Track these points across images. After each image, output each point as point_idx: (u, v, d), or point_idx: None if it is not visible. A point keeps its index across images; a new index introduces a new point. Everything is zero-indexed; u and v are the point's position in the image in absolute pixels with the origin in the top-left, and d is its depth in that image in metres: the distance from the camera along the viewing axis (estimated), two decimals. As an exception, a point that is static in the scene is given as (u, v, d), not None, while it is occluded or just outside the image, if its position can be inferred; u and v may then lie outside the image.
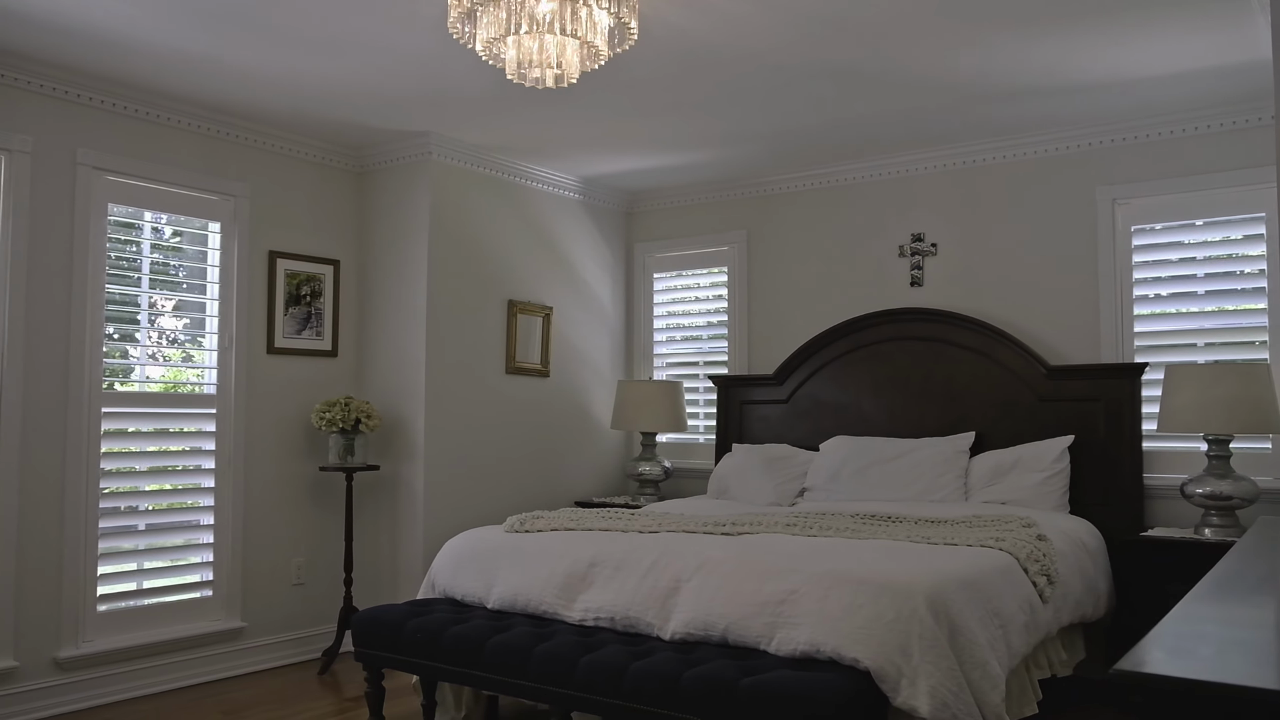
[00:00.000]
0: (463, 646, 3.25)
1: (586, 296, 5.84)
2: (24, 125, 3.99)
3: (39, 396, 4.01)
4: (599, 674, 2.88)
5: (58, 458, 4.07)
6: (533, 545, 3.61)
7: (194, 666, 4.49)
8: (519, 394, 5.38)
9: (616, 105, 4.44)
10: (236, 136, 4.70)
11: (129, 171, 4.30)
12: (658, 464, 5.54)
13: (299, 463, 4.95)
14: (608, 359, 5.98)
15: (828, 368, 5.21)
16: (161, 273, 4.57)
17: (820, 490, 4.74)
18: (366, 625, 3.54)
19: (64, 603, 4.07)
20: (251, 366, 4.74)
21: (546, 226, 5.59)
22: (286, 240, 4.92)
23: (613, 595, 3.26)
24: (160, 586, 4.45)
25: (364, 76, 4.11)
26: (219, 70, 4.05)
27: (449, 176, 5.03)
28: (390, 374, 5.05)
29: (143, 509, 4.39)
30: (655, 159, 5.31)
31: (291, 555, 4.93)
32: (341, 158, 5.16)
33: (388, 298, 5.09)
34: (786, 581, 2.94)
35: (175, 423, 4.52)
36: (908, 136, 4.86)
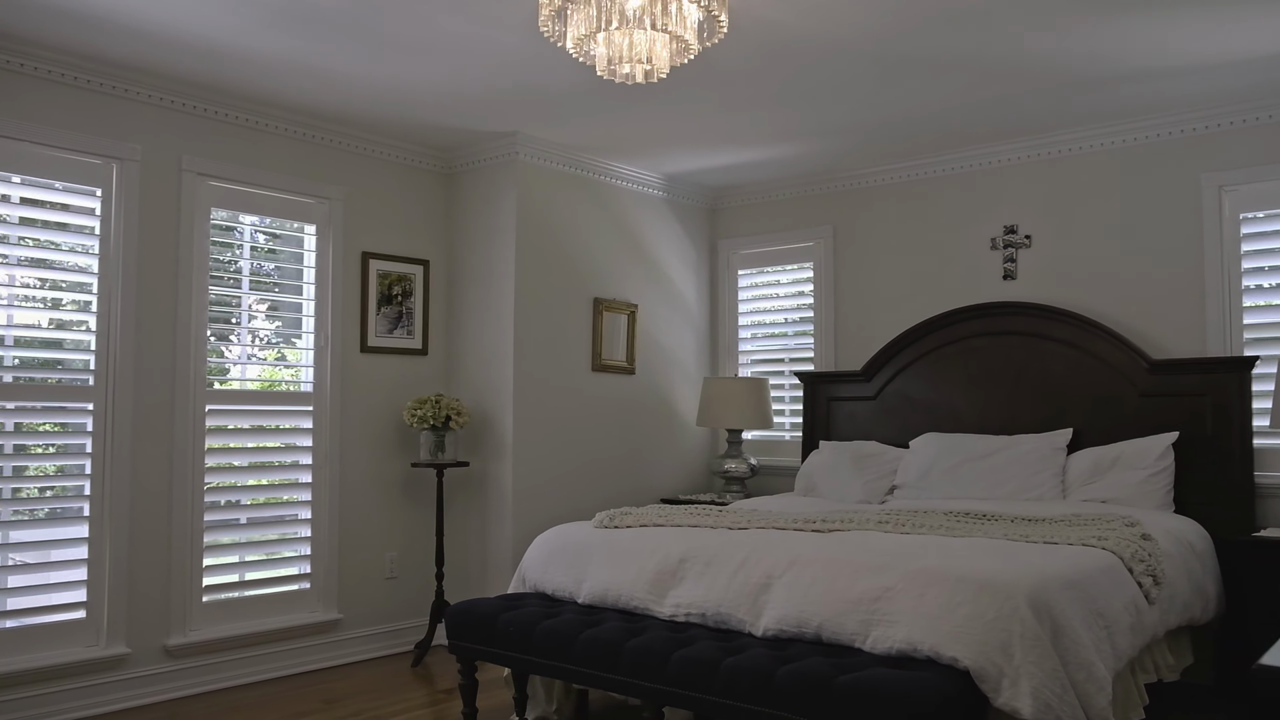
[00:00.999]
0: (554, 640, 3.28)
1: (671, 294, 5.84)
2: (133, 134, 4.15)
3: (148, 395, 4.17)
4: (691, 669, 2.88)
5: (165, 454, 4.22)
6: (623, 541, 3.62)
7: (293, 656, 4.62)
8: (605, 391, 5.41)
9: (702, 101, 4.43)
10: (331, 141, 4.82)
11: (230, 177, 4.44)
12: (743, 461, 5.51)
13: (391, 459, 5.06)
14: (692, 356, 5.98)
15: (917, 363, 5.12)
16: (259, 274, 4.71)
17: (911, 488, 4.66)
18: (460, 618, 3.60)
19: (172, 592, 4.23)
20: (346, 365, 4.86)
21: (631, 224, 5.61)
22: (378, 241, 5.03)
23: (704, 591, 3.26)
24: (261, 579, 4.59)
25: (454, 78, 4.18)
26: (315, 76, 4.16)
27: (535, 176, 5.08)
28: (479, 372, 5.13)
29: (244, 503, 4.53)
30: (739, 154, 5.28)
31: (385, 549, 5.03)
32: (431, 160, 5.25)
33: (476, 297, 5.17)
34: (881, 579, 2.90)
35: (274, 420, 4.65)
36: (1000, 126, 4.74)
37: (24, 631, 3.84)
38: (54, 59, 3.88)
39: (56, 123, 3.93)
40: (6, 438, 3.85)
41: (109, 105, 4.08)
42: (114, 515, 4.04)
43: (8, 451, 3.86)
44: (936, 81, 4.16)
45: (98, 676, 3.98)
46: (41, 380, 3.94)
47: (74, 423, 4.01)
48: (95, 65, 3.98)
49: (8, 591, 3.84)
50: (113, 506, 4.04)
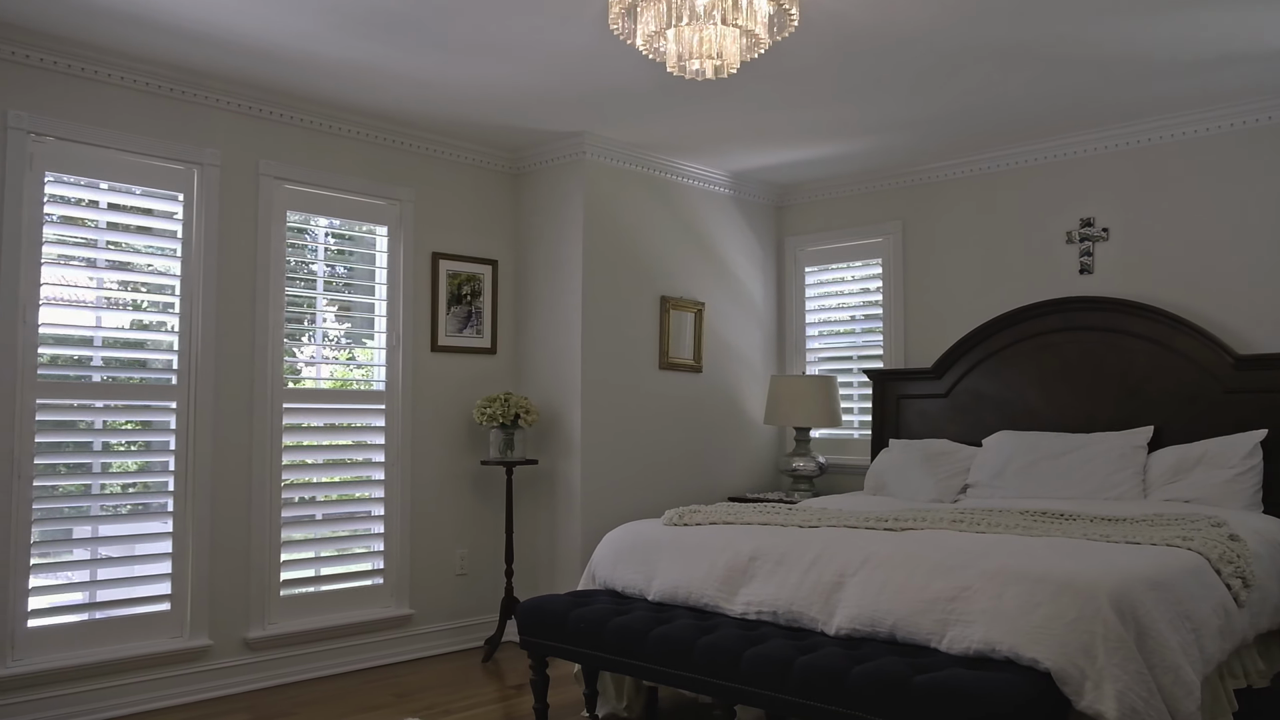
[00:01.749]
0: (625, 637, 3.29)
1: (737, 291, 5.82)
2: (213, 140, 4.26)
3: (227, 394, 4.28)
4: (764, 667, 2.86)
5: (245, 451, 4.33)
6: (692, 538, 3.62)
7: (367, 650, 4.70)
8: (672, 389, 5.41)
9: (769, 96, 4.40)
10: (401, 143, 4.89)
11: (304, 180, 4.54)
12: (812, 460, 5.47)
13: (461, 457, 5.12)
14: (760, 354, 5.95)
15: (990, 360, 5.03)
16: (333, 275, 4.80)
17: (984, 487, 4.58)
18: (531, 614, 3.62)
19: (251, 586, 4.33)
20: (417, 364, 4.93)
21: (697, 222, 5.60)
22: (448, 242, 5.09)
23: (775, 589, 3.24)
24: (335, 574, 4.68)
25: (522, 78, 4.21)
26: (386, 79, 4.23)
27: (602, 175, 5.10)
28: (547, 370, 5.16)
29: (319, 500, 4.62)
30: (806, 150, 5.24)
31: (455, 546, 5.10)
32: (499, 160, 5.30)
33: (544, 296, 5.21)
34: (957, 578, 2.85)
35: (347, 418, 4.74)
36: (1076, 116, 4.63)
37: (112, 622, 3.96)
38: (138, 68, 4.01)
39: (141, 130, 4.05)
40: (96, 435, 3.98)
41: (190, 112, 4.20)
42: (196, 511, 4.15)
43: (96, 449, 3.99)
44: (1007, 71, 4.08)
45: (181, 667, 4.10)
46: (128, 380, 4.06)
47: (158, 421, 4.13)
48: (177, 73, 4.10)
49: (98, 584, 3.97)
50: (195, 502, 4.15)
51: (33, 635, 3.75)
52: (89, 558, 3.99)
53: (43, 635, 3.78)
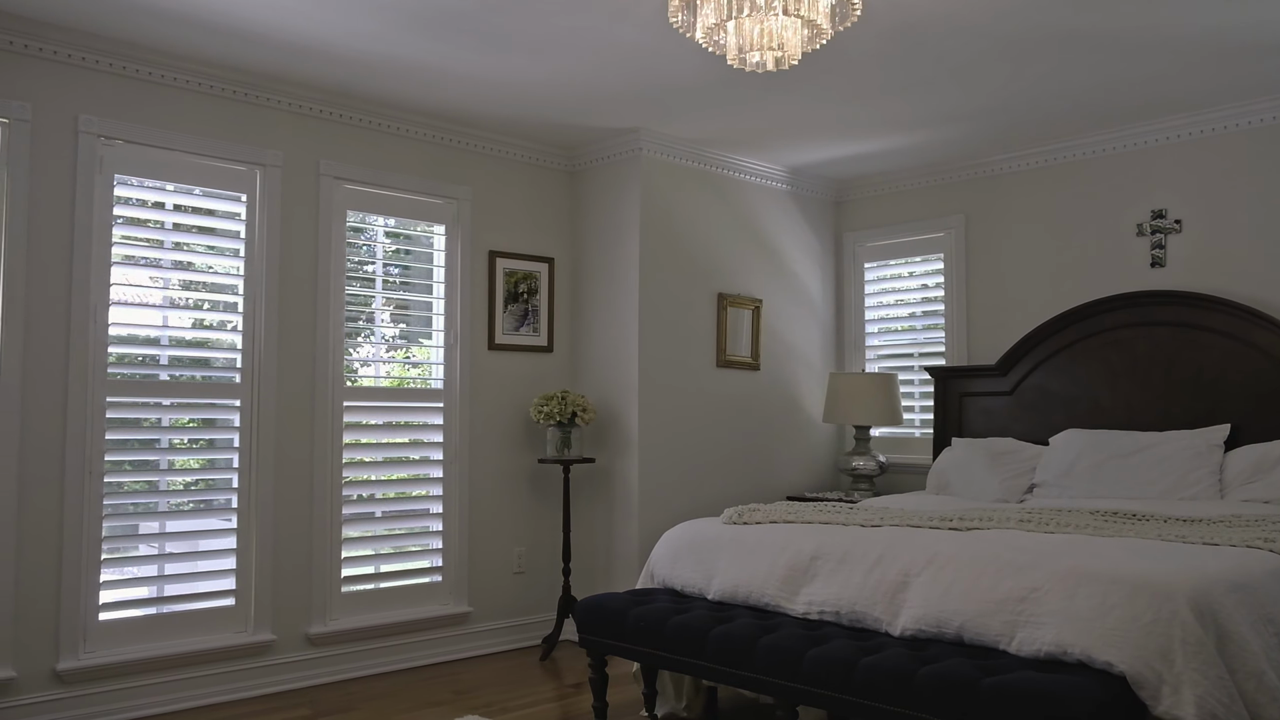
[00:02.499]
0: (685, 636, 3.26)
1: (795, 288, 5.76)
2: (275, 141, 4.32)
3: (289, 392, 4.33)
4: (827, 668, 2.81)
5: (306, 449, 4.38)
6: (752, 537, 3.57)
7: (425, 648, 4.72)
8: (729, 387, 5.36)
9: (828, 89, 4.34)
10: (458, 142, 4.92)
11: (364, 179, 4.58)
12: (872, 458, 5.39)
13: (519, 455, 5.13)
14: (818, 351, 5.87)
15: (1057, 357, 4.90)
16: (391, 274, 4.84)
17: (1052, 486, 4.46)
18: (590, 613, 3.61)
19: (314, 583, 4.38)
20: (474, 362, 4.95)
21: (754, 218, 5.55)
22: (504, 240, 5.11)
23: (837, 589, 3.18)
24: (395, 571, 4.72)
25: (579, 75, 4.20)
26: (443, 78, 4.25)
27: (658, 171, 5.07)
28: (604, 368, 5.15)
29: (378, 497, 4.66)
30: (866, 144, 5.16)
31: (512, 544, 5.11)
32: (555, 158, 5.30)
33: (600, 293, 5.20)
34: (1027, 578, 2.78)
35: (406, 416, 4.77)
36: (1146, 104, 4.50)
37: (179, 617, 4.03)
38: (203, 71, 4.07)
39: (206, 132, 4.12)
40: (162, 433, 4.05)
41: (253, 114, 4.26)
42: (259, 507, 4.21)
43: (163, 446, 4.06)
44: (1074, 59, 3.97)
45: (245, 662, 4.15)
46: (193, 379, 4.13)
47: (222, 419, 4.20)
48: (240, 75, 4.16)
49: (165, 579, 4.04)
50: (258, 499, 4.21)
51: (104, 628, 3.83)
52: (156, 553, 4.06)
53: (113, 629, 3.86)
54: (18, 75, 3.69)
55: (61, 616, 3.72)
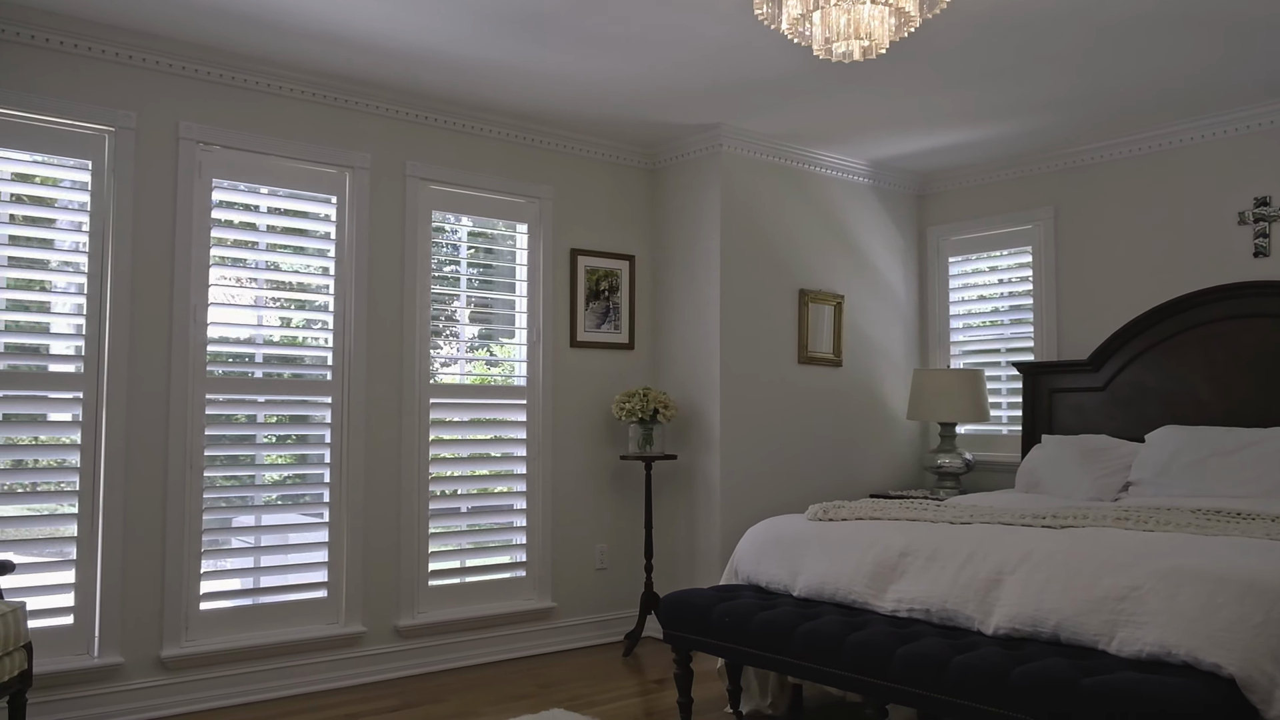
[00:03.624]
0: (771, 632, 3.24)
1: (878, 284, 5.68)
2: (363, 144, 4.42)
3: (378, 390, 4.43)
4: (918, 666, 2.77)
5: (394, 445, 4.47)
6: (838, 533, 3.54)
7: (509, 642, 4.78)
8: (811, 384, 5.32)
9: (913, 80, 4.28)
10: (540, 141, 4.97)
11: (448, 180, 4.66)
12: (958, 456, 5.29)
13: (601, 452, 5.16)
14: (901, 347, 5.79)
15: (1152, 351, 4.75)
16: (475, 273, 4.91)
17: (1148, 484, 4.32)
18: (675, 608, 3.61)
19: (402, 576, 4.46)
20: (556, 360, 5.00)
21: (836, 213, 5.49)
22: (586, 238, 5.14)
23: (927, 586, 3.13)
24: (480, 565, 4.78)
25: (659, 72, 4.21)
26: (526, 78, 4.30)
27: (739, 167, 5.05)
28: (685, 365, 5.15)
29: (463, 493, 4.73)
30: (950, 136, 5.07)
31: (595, 541, 5.14)
32: (635, 155, 5.32)
33: (681, 290, 5.20)
34: (1127, 577, 2.70)
35: (490, 413, 4.83)
36: (1247, 87, 4.33)
37: (274, 608, 4.15)
38: (295, 76, 4.19)
39: (298, 136, 4.23)
40: (257, 429, 4.18)
41: (342, 117, 4.36)
42: (350, 502, 4.31)
43: (259, 441, 4.18)
44: (1172, 43, 3.84)
45: (337, 652, 4.26)
46: (286, 377, 4.24)
47: (314, 415, 4.30)
48: (330, 80, 4.27)
49: (261, 570, 4.16)
50: (348, 494, 4.31)
51: (204, 618, 3.96)
52: (252, 545, 4.19)
53: (212, 618, 3.99)
54: (124, 85, 3.84)
55: (165, 605, 3.86)
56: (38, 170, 3.73)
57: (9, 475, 3.66)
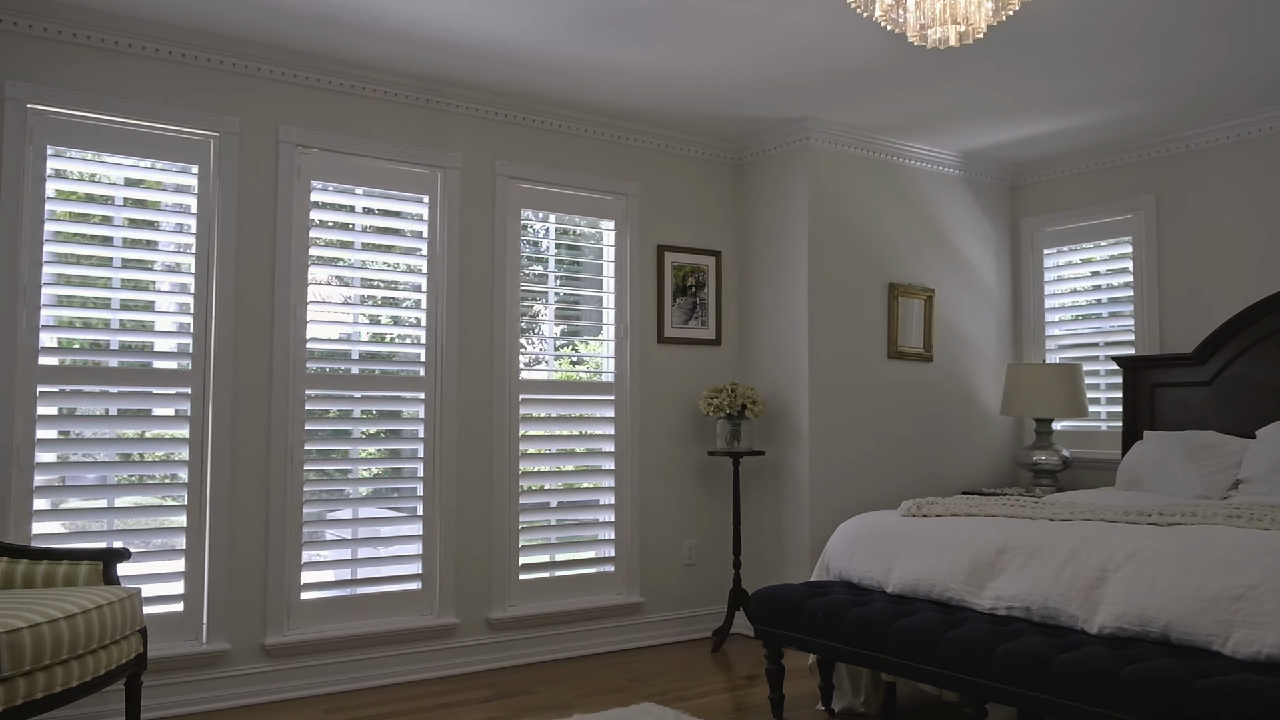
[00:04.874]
0: (865, 628, 3.20)
1: (969, 277, 5.56)
2: (454, 144, 4.49)
3: (469, 386, 4.50)
4: (1019, 664, 2.70)
5: (485, 440, 4.53)
6: (933, 530, 3.47)
7: (598, 636, 4.81)
8: (901, 379, 5.24)
9: (1006, 67, 4.18)
10: (627, 138, 4.99)
11: (536, 178, 4.71)
12: (1054, 453, 5.15)
13: (688, 447, 5.16)
14: (994, 342, 5.66)
15: (1264, 343, 4.55)
16: (563, 270, 4.95)
17: (1260, 482, 4.14)
18: (766, 603, 3.59)
19: (493, 569, 4.53)
20: (644, 356, 5.01)
21: (926, 206, 5.40)
22: (672, 234, 5.15)
23: (1027, 584, 3.06)
24: (569, 560, 4.82)
25: (746, 66, 4.19)
26: (613, 75, 4.32)
27: (826, 160, 5.00)
28: (772, 361, 5.12)
29: (552, 488, 4.78)
30: (1044, 124, 4.94)
31: (682, 536, 5.14)
32: (721, 151, 5.31)
33: (768, 285, 5.17)
34: (1242, 576, 2.59)
35: (578, 409, 4.87)
36: (1367, 68, 4.13)
37: (370, 599, 4.25)
38: (387, 79, 4.28)
39: (390, 137, 4.33)
40: (354, 424, 4.28)
41: (433, 118, 4.45)
42: (443, 496, 4.39)
43: (355, 436, 4.29)
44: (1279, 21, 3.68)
45: (430, 643, 4.34)
46: (381, 373, 4.33)
47: (408, 411, 4.39)
48: (422, 82, 4.35)
49: (357, 562, 4.27)
50: (441, 488, 4.39)
51: (305, 607, 4.08)
52: (349, 537, 4.29)
53: (312, 607, 4.10)
54: (227, 91, 3.97)
55: (268, 595, 3.98)
56: (147, 175, 3.89)
57: (123, 468, 3.82)
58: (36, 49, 3.63)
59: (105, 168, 3.78)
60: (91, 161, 3.77)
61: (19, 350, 3.56)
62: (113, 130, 3.76)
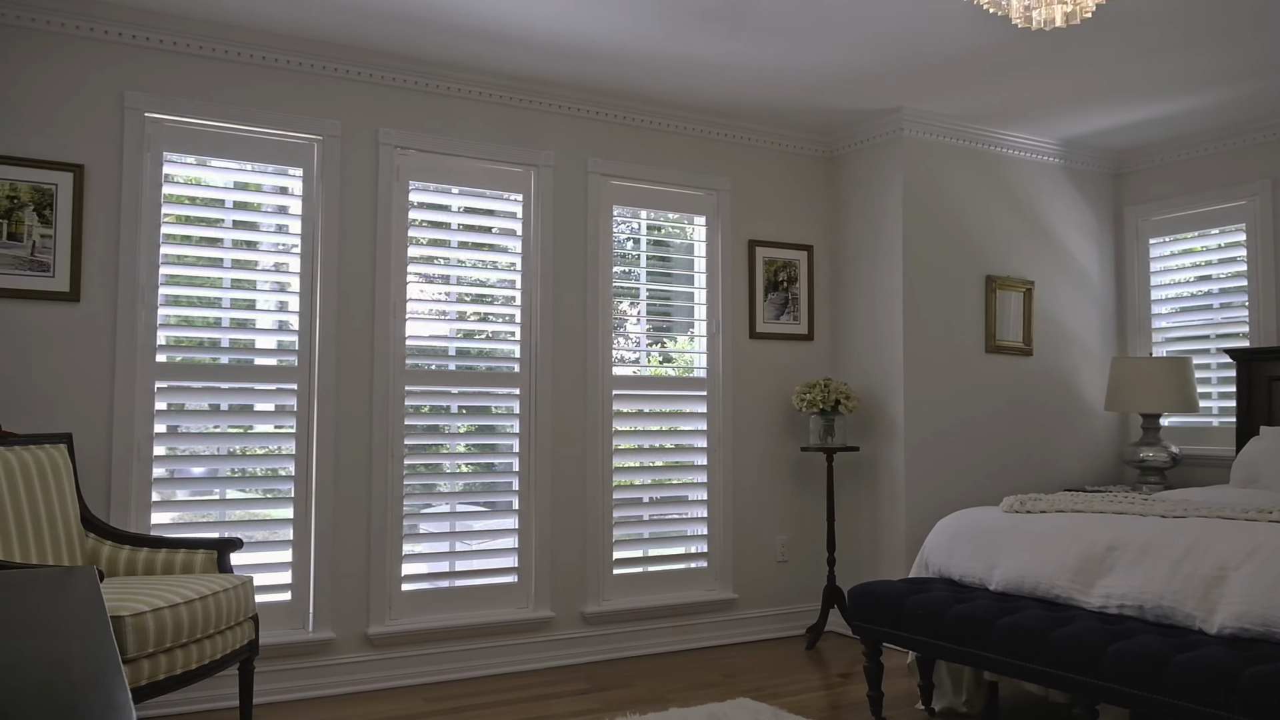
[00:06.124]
0: (967, 626, 3.14)
1: (1070, 268, 5.41)
2: (547, 142, 4.55)
3: (563, 382, 4.54)
4: (1132, 664, 2.62)
5: (579, 435, 4.57)
6: (1039, 526, 3.39)
7: (692, 631, 4.81)
8: (999, 373, 5.11)
9: (1110, 50, 4.05)
10: (717, 133, 4.98)
11: (628, 175, 4.73)
12: (1163, 449, 4.96)
13: (781, 443, 5.13)
14: (1097, 335, 5.49)
15: (1391, 334, 4.33)
16: (654, 265, 4.96)
17: (1389, 479, 3.94)
18: (864, 599, 3.55)
19: (587, 564, 4.57)
20: (735, 351, 5.00)
21: (1024, 196, 5.26)
22: (763, 229, 5.12)
23: (1140, 582, 2.96)
24: (662, 555, 4.84)
25: (839, 56, 4.15)
26: (704, 70, 4.32)
27: (920, 151, 4.91)
28: (866, 355, 5.05)
29: (645, 483, 4.79)
30: (1151, 108, 4.77)
31: (775, 533, 5.11)
32: (812, 144, 5.26)
33: (861, 280, 5.10)
34: (1375, 575, 2.47)
35: (670, 405, 4.88)
36: None
37: (468, 590, 4.32)
38: (481, 80, 4.35)
39: (484, 137, 4.40)
40: (451, 419, 4.36)
41: (526, 117, 4.50)
42: (538, 490, 4.44)
43: (452, 431, 4.37)
44: None
45: (527, 636, 4.40)
46: (478, 369, 4.41)
47: (503, 406, 4.46)
48: (515, 82, 4.41)
49: (455, 554, 4.35)
50: (537, 482, 4.44)
51: (405, 598, 4.17)
52: (447, 530, 4.38)
53: (412, 598, 4.19)
54: (330, 96, 4.09)
55: (371, 585, 4.08)
56: (254, 178, 4.03)
57: (232, 461, 3.96)
58: (152, 60, 3.79)
59: (215, 172, 3.93)
60: (202, 167, 3.91)
61: (139, 348, 3.72)
62: (222, 136, 3.90)
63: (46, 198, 3.58)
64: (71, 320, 3.64)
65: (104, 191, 3.69)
